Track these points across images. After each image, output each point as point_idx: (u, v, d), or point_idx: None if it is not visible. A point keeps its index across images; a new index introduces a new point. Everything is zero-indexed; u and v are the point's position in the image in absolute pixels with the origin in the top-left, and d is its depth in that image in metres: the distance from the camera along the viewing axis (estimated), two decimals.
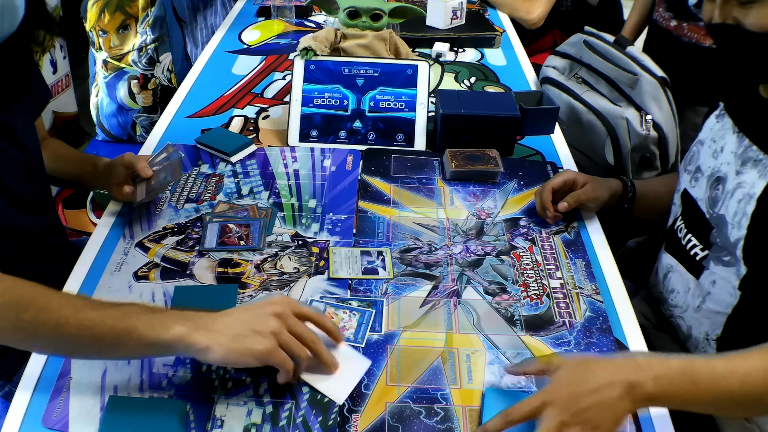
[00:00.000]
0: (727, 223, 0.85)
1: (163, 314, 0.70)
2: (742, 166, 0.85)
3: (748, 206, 0.82)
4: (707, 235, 0.89)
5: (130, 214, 1.02)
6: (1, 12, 0.78)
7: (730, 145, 0.88)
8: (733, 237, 0.84)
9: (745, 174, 0.84)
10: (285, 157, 1.18)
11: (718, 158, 0.90)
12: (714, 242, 0.88)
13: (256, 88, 1.45)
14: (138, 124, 2.04)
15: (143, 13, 1.91)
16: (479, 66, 1.60)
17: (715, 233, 0.87)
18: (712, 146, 0.92)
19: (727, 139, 0.89)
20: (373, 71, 1.24)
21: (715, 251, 0.88)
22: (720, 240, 0.86)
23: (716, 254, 0.88)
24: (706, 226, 0.89)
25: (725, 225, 0.85)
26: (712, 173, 0.90)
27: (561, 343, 0.82)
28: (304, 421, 0.72)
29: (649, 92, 1.32)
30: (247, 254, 0.95)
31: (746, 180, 0.83)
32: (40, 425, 0.71)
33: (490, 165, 1.11)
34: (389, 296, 0.88)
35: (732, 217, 0.84)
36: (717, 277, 0.88)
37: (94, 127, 2.11)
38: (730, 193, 0.85)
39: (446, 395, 0.75)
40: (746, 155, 0.85)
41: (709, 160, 0.92)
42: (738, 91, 0.91)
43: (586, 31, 1.50)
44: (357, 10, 1.27)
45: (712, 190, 0.89)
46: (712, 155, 0.92)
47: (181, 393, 0.74)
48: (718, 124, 0.93)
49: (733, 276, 0.85)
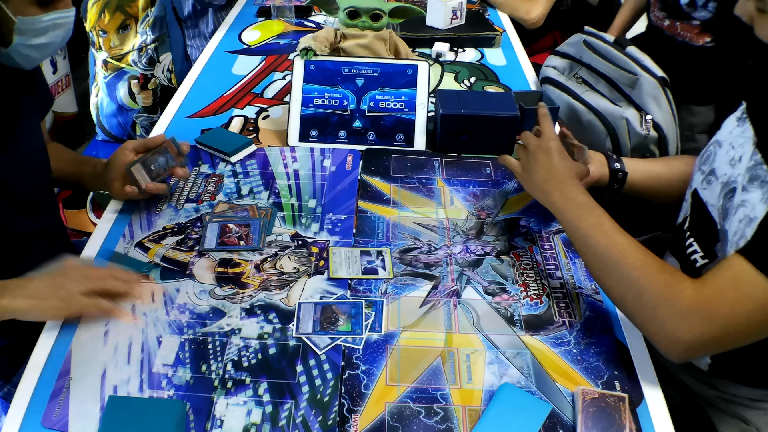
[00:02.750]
0: (728, 240, 0.82)
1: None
2: (750, 182, 0.80)
3: (747, 228, 0.77)
4: (713, 245, 0.86)
5: (130, 214, 1.02)
6: (66, 35, 0.87)
7: (746, 156, 0.84)
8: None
9: (751, 193, 0.79)
10: (285, 157, 1.18)
11: (735, 167, 0.85)
12: (718, 254, 0.85)
13: (256, 88, 1.45)
14: (138, 124, 2.04)
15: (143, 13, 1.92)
16: (479, 66, 1.60)
17: (719, 246, 0.85)
18: (730, 152, 0.88)
19: (746, 149, 0.84)
20: (373, 71, 1.24)
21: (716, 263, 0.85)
22: (721, 255, 0.84)
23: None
24: (714, 236, 0.86)
25: (726, 242, 0.82)
26: (728, 182, 0.86)
27: (561, 342, 0.82)
28: (304, 421, 0.72)
29: (649, 92, 1.32)
30: (247, 254, 0.95)
31: (749, 200, 0.79)
32: (40, 425, 0.71)
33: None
34: (389, 296, 0.88)
35: (732, 235, 0.81)
36: None
37: (94, 127, 2.11)
38: (734, 209, 0.81)
39: (446, 395, 0.75)
40: (755, 172, 0.80)
41: (725, 167, 0.87)
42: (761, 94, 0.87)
43: (586, 31, 1.50)
44: (357, 10, 1.27)
45: (726, 200, 0.85)
46: (729, 162, 0.87)
47: (181, 393, 0.74)
48: (738, 128, 0.88)
49: None
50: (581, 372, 0.79)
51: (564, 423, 0.72)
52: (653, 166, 1.09)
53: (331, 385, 0.76)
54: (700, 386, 1.00)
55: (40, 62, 0.88)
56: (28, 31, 0.81)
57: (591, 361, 0.80)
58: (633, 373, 0.79)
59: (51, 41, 0.84)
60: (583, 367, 0.79)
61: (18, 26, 0.80)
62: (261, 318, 0.84)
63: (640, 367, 0.80)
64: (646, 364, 0.81)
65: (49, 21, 0.82)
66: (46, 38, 0.83)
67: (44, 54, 0.87)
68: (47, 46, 0.85)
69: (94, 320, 0.82)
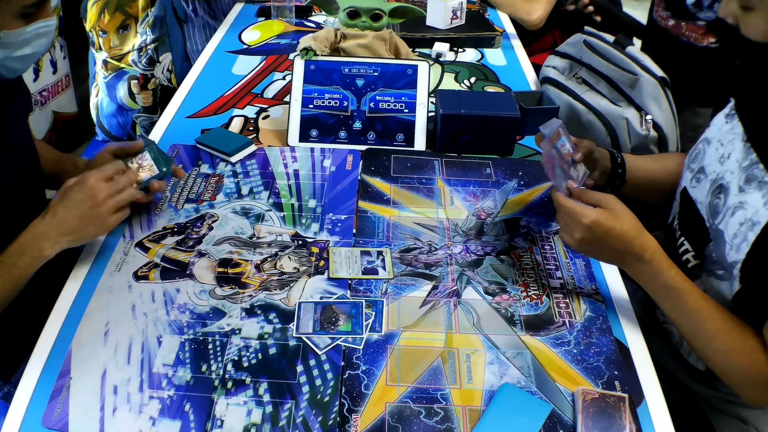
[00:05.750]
0: (725, 242, 0.82)
1: (23, 248, 0.85)
2: (746, 183, 0.80)
3: (750, 233, 0.78)
4: (703, 246, 0.87)
5: (129, 214, 1.02)
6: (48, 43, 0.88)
7: (737, 153, 0.84)
8: (731, 258, 0.81)
9: (749, 194, 0.79)
10: (285, 157, 1.18)
11: (724, 164, 0.86)
12: (709, 255, 0.86)
13: (256, 88, 1.45)
14: (138, 124, 2.04)
15: (143, 13, 1.92)
16: (479, 66, 1.60)
17: (712, 246, 0.85)
18: (719, 149, 0.88)
19: (735, 146, 0.85)
20: (373, 71, 1.24)
21: (709, 264, 0.86)
22: (716, 255, 0.84)
23: (709, 267, 0.86)
24: (704, 236, 0.87)
25: (723, 243, 0.82)
26: (716, 179, 0.86)
27: (561, 342, 0.82)
28: (304, 421, 0.72)
29: (649, 92, 1.32)
30: (247, 254, 0.95)
31: (749, 202, 0.79)
32: (40, 425, 0.71)
33: None
34: (389, 296, 0.88)
35: (731, 238, 0.81)
36: (708, 287, 0.87)
37: (94, 127, 2.11)
38: (731, 210, 0.81)
39: (446, 395, 0.75)
40: (752, 172, 0.80)
41: (714, 164, 0.88)
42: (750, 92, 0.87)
43: (586, 31, 1.50)
44: (357, 10, 1.27)
45: (713, 197, 0.86)
46: (718, 159, 0.87)
47: (181, 393, 0.74)
48: (727, 125, 0.89)
49: (726, 290, 0.83)
50: (581, 372, 0.79)
51: (564, 423, 0.72)
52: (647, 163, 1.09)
53: (331, 385, 0.76)
54: (700, 386, 1.00)
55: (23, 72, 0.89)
56: (13, 44, 0.82)
57: (591, 361, 0.80)
58: (633, 373, 0.79)
59: (34, 51, 0.86)
60: (583, 367, 0.79)
61: (3, 40, 0.80)
62: (261, 318, 0.84)
63: (640, 367, 0.80)
64: (646, 364, 0.81)
65: (33, 32, 0.83)
66: (30, 48, 0.84)
67: (27, 64, 0.88)
68: (31, 56, 0.86)
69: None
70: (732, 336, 0.78)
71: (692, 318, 0.80)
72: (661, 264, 0.81)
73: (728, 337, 0.78)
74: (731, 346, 0.77)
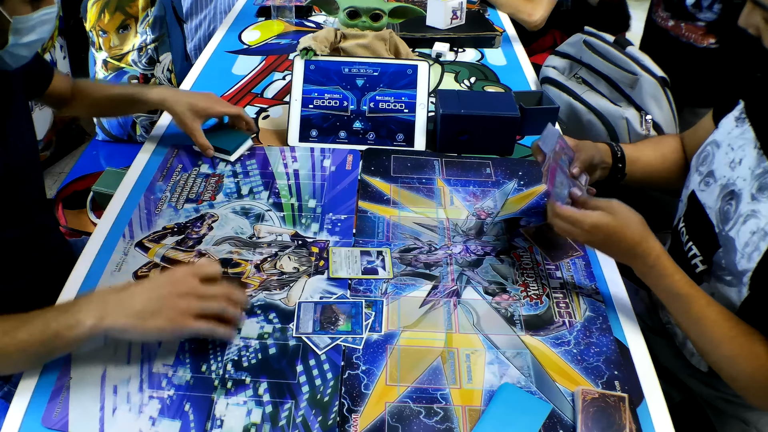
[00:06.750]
0: (736, 250, 0.81)
1: (74, 308, 0.72)
2: (759, 191, 0.80)
3: (762, 242, 0.78)
4: (712, 252, 0.86)
5: (130, 214, 1.02)
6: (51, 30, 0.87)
7: (749, 159, 0.83)
8: (741, 266, 0.81)
9: (762, 203, 0.79)
10: (285, 157, 1.18)
11: (735, 170, 0.85)
12: (717, 262, 0.85)
13: (256, 88, 1.45)
14: (138, 124, 2.04)
15: (143, 13, 1.92)
16: (479, 66, 1.60)
17: (721, 253, 0.84)
18: (729, 154, 0.87)
19: (746, 152, 0.84)
20: (373, 71, 1.24)
21: (717, 270, 0.86)
22: (725, 262, 0.84)
23: (718, 273, 0.86)
24: (713, 242, 0.86)
25: (734, 251, 0.82)
26: (727, 184, 0.85)
27: (561, 342, 0.82)
28: (304, 421, 0.72)
29: (649, 92, 1.32)
30: (247, 254, 0.95)
31: (762, 211, 0.79)
32: (40, 425, 0.71)
33: None
34: (389, 296, 0.88)
35: (742, 246, 0.81)
36: (716, 291, 0.86)
37: (94, 127, 2.11)
38: (743, 218, 0.81)
39: (446, 395, 0.75)
40: (764, 181, 0.80)
41: (724, 169, 0.87)
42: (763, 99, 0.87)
43: (586, 31, 1.50)
44: (357, 10, 1.27)
45: (724, 202, 0.85)
46: (728, 164, 0.86)
47: (181, 393, 0.74)
48: (737, 129, 0.88)
49: (735, 296, 0.83)
50: (581, 372, 0.79)
51: (564, 423, 0.72)
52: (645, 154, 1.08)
53: (331, 385, 0.76)
54: (701, 386, 1.00)
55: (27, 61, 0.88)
56: (22, 30, 0.82)
57: (591, 361, 0.80)
58: (633, 373, 0.79)
59: (39, 37, 0.86)
60: (583, 367, 0.79)
61: (13, 26, 0.80)
62: (261, 318, 0.84)
63: (640, 367, 0.80)
64: (646, 364, 0.81)
65: (38, 18, 0.83)
66: (35, 35, 0.85)
67: (32, 51, 0.88)
68: (36, 42, 0.86)
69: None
70: (738, 343, 0.77)
71: (698, 324, 0.79)
72: (665, 269, 0.81)
73: (734, 343, 0.77)
74: (737, 352, 0.77)
